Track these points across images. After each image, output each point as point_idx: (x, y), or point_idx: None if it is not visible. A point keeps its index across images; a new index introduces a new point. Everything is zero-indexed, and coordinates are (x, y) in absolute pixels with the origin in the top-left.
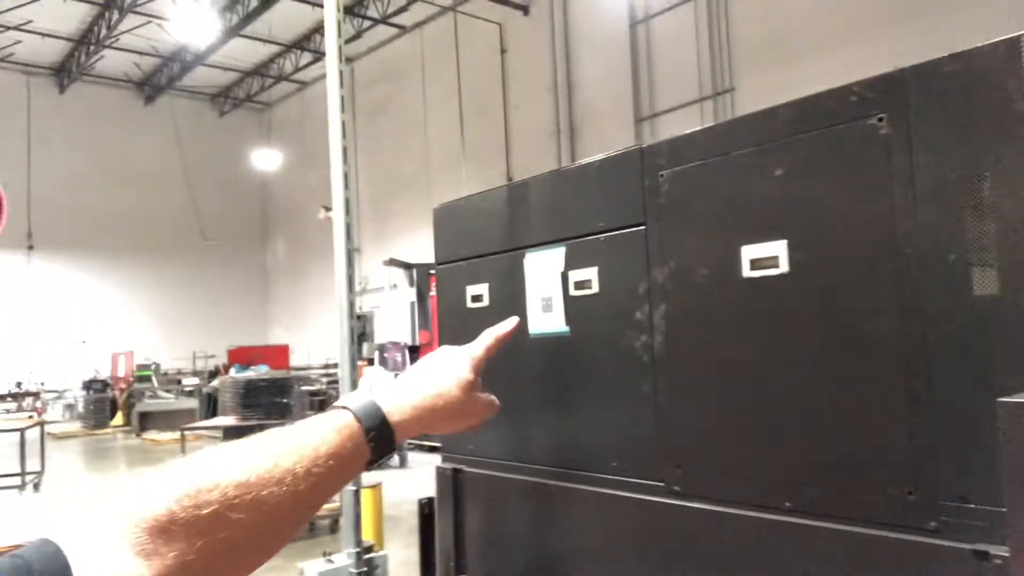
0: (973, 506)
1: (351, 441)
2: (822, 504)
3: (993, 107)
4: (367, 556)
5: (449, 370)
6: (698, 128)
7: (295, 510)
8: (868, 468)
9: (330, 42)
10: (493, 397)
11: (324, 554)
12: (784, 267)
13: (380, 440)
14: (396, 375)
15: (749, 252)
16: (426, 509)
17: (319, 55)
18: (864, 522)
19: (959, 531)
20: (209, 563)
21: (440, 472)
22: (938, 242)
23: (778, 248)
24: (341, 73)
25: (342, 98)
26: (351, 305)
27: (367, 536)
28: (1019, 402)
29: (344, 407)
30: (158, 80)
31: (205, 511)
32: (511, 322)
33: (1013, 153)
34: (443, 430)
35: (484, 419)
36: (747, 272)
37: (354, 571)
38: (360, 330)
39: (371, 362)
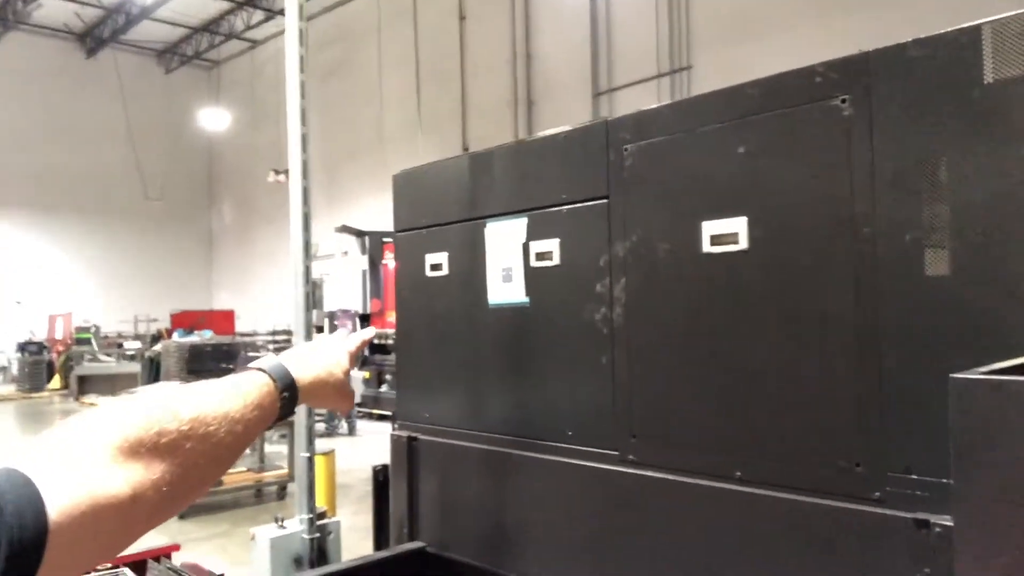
0: (915, 477)
1: (269, 397)
2: (772, 474)
3: (953, 93)
4: (320, 522)
5: (335, 354)
6: (664, 103)
7: (232, 446)
8: (818, 440)
9: None
10: (355, 391)
11: (276, 520)
12: (744, 243)
13: (289, 400)
14: None
15: (710, 228)
16: (380, 476)
17: (271, 13)
18: (812, 492)
19: (903, 501)
20: (169, 483)
21: (395, 439)
22: (894, 223)
23: (738, 224)
24: (302, 31)
25: (302, 57)
26: (307, 271)
27: (320, 503)
28: (971, 378)
29: (261, 369)
30: (101, 32)
31: (165, 439)
32: (371, 331)
33: (969, 139)
34: (322, 404)
35: (347, 406)
36: (707, 247)
37: (306, 536)
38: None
39: (320, 330)
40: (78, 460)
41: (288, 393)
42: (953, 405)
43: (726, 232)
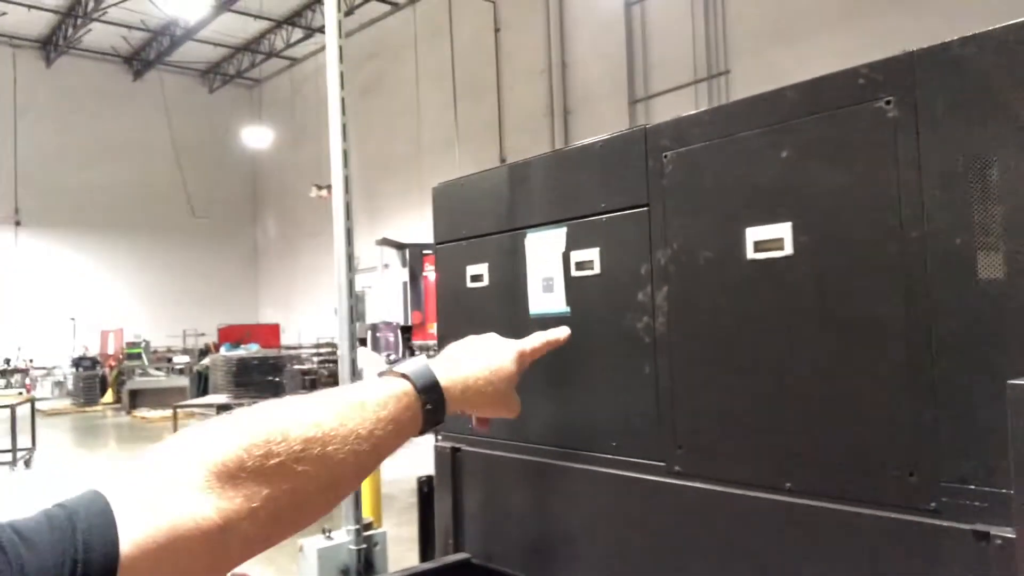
0: (973, 487)
1: (409, 410)
2: (822, 485)
3: (1001, 91)
4: (366, 533)
5: (500, 358)
6: (703, 109)
7: (355, 468)
8: (869, 449)
9: (330, 16)
10: (519, 399)
11: (323, 531)
12: (788, 250)
13: (434, 411)
14: (388, 356)
15: (753, 234)
16: (425, 487)
17: (310, 31)
18: (864, 503)
19: (959, 512)
20: (272, 512)
21: (439, 451)
22: (944, 226)
23: (783, 230)
24: (341, 49)
25: (341, 74)
26: (350, 284)
27: (366, 514)
28: None
29: (404, 375)
30: (147, 55)
31: (272, 461)
32: (564, 331)
33: (1020, 137)
34: (482, 413)
35: (512, 415)
36: (751, 254)
37: (353, 548)
38: None
39: (363, 342)
40: (165, 486)
41: (432, 404)
42: (1012, 412)
43: (770, 238)
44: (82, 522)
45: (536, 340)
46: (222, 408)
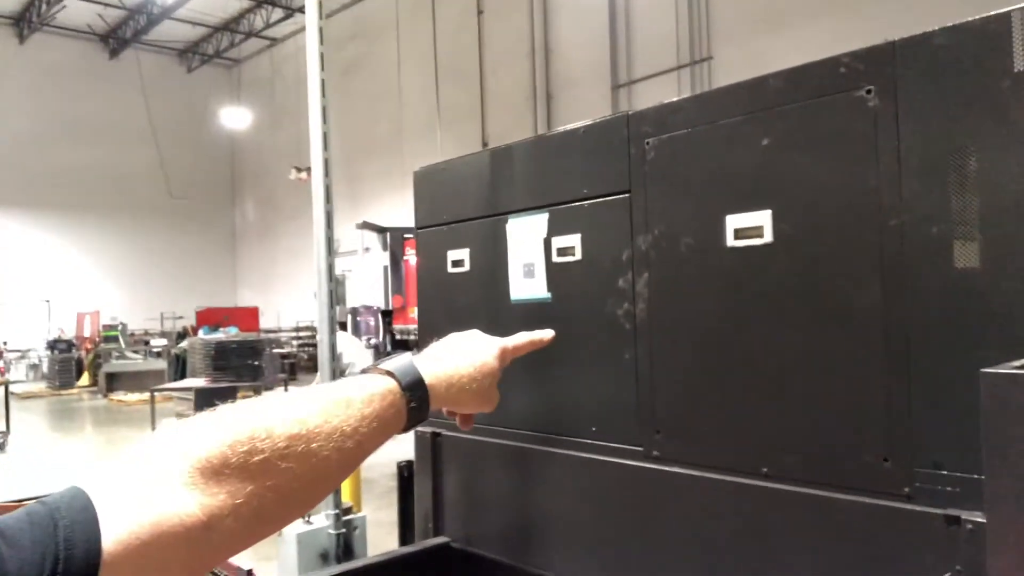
0: (946, 473)
1: (393, 407)
2: (799, 470)
3: (982, 82)
4: (345, 518)
5: (483, 354)
6: (685, 95)
7: (339, 465)
8: (845, 435)
9: None
10: (499, 394)
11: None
12: (768, 237)
13: (418, 408)
14: (368, 340)
15: (734, 221)
16: (405, 472)
17: (290, 11)
18: (840, 488)
19: (932, 497)
20: (256, 508)
21: (419, 436)
22: (922, 215)
23: (763, 218)
24: (321, 29)
25: (322, 55)
26: (330, 268)
27: (346, 498)
28: (1002, 373)
29: (388, 372)
30: (123, 33)
31: (256, 458)
32: (548, 333)
33: (999, 129)
34: (464, 409)
35: (490, 409)
36: (731, 241)
37: (332, 532)
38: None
39: (343, 326)
40: (148, 482)
41: (416, 402)
42: (984, 399)
43: (751, 225)
44: (64, 519)
45: (520, 338)
46: (201, 392)
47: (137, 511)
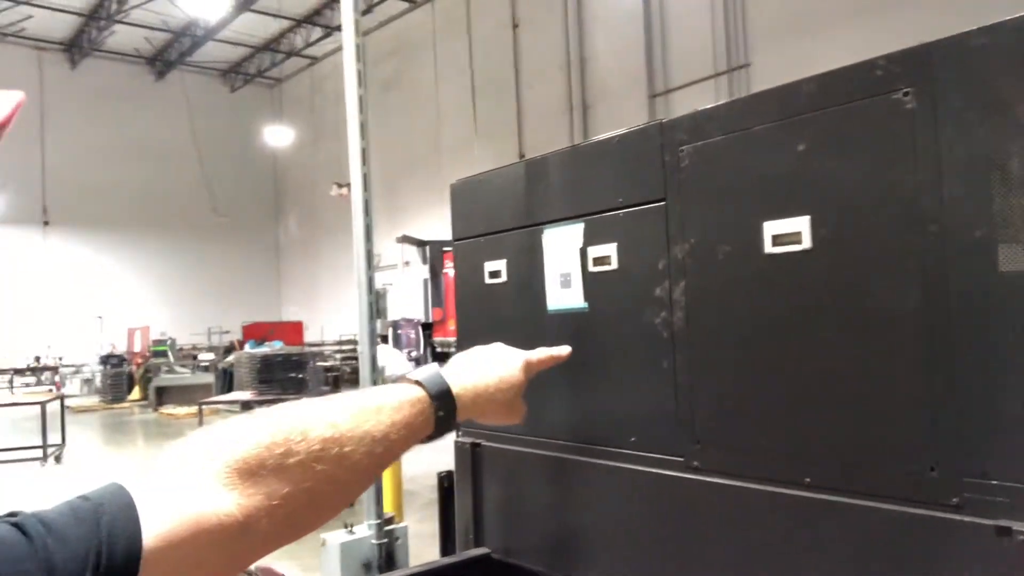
0: (995, 482)
1: (421, 415)
2: (842, 480)
3: (1021, 81)
4: (388, 528)
5: (508, 367)
6: (719, 103)
7: (369, 469)
8: (889, 444)
9: (346, 14)
10: (525, 406)
11: (345, 525)
12: (807, 243)
13: (446, 417)
14: (410, 353)
15: (771, 228)
16: (445, 482)
17: (329, 30)
18: (884, 498)
19: (981, 507)
20: (290, 509)
21: (459, 446)
22: (964, 218)
23: (801, 224)
24: (358, 47)
25: (359, 72)
26: (370, 281)
27: (387, 508)
28: None
29: (417, 382)
30: (169, 55)
31: (292, 460)
32: (566, 349)
33: None
34: (489, 420)
35: (517, 421)
36: (769, 248)
37: (375, 542)
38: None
39: (384, 339)
40: (188, 481)
41: (444, 411)
42: None
43: (788, 232)
44: (106, 514)
45: (542, 353)
46: (247, 404)
47: (177, 509)
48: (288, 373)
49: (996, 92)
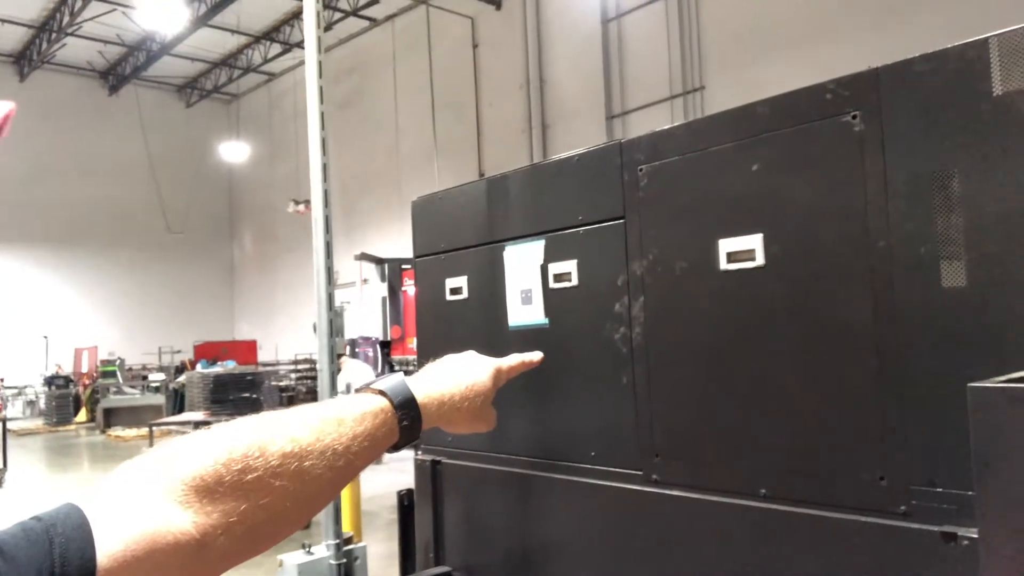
0: (941, 490)
1: (385, 426)
2: (796, 490)
3: (963, 106)
4: (346, 547)
5: (476, 375)
6: (677, 124)
7: (331, 483)
8: (841, 455)
9: (309, 31)
10: (495, 413)
11: (303, 545)
12: (760, 260)
13: (410, 427)
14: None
15: (726, 245)
16: (405, 500)
17: (288, 46)
18: (837, 507)
19: (928, 514)
20: (249, 527)
21: (419, 464)
22: (909, 236)
23: (754, 241)
24: (320, 63)
25: (321, 88)
26: (330, 298)
27: (346, 528)
28: (988, 387)
29: (381, 392)
30: (123, 70)
31: (250, 476)
32: (537, 355)
33: (981, 151)
34: (457, 429)
35: (487, 429)
36: (724, 265)
37: (334, 562)
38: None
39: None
40: (143, 500)
41: (408, 420)
42: (972, 413)
43: (743, 249)
44: (59, 535)
45: (513, 360)
46: (199, 425)
47: (131, 528)
48: (241, 393)
49: (939, 116)
